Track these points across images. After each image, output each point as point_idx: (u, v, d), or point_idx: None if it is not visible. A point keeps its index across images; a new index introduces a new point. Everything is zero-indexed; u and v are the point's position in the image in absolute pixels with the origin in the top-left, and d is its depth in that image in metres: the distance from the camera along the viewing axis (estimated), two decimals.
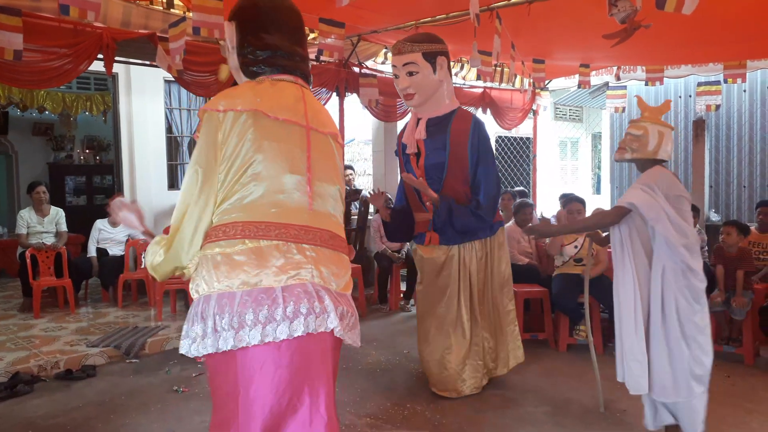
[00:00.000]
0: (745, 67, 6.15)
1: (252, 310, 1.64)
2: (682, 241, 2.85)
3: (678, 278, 2.90)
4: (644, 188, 2.89)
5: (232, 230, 1.70)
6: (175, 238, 1.73)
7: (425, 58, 3.54)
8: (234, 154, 1.72)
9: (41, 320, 5.58)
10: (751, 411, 3.62)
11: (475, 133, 3.64)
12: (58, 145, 10.17)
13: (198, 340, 1.68)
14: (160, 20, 4.52)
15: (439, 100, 3.69)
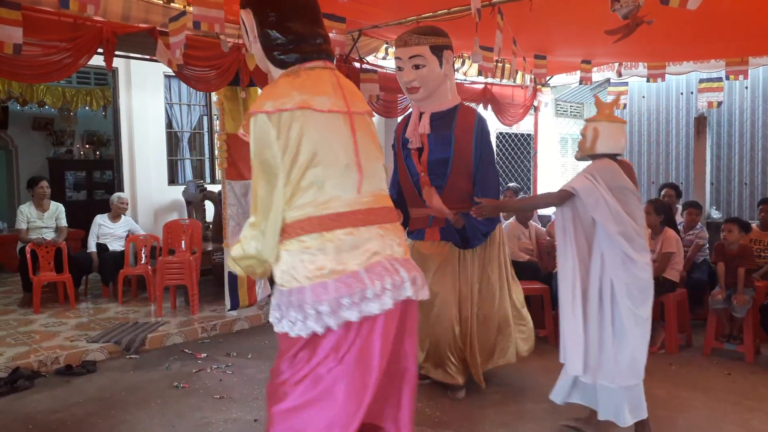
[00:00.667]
0: (747, 63, 6.12)
1: (347, 294, 1.81)
2: (618, 228, 2.90)
3: (617, 266, 2.95)
4: (587, 176, 3.00)
5: (309, 225, 1.84)
6: (262, 237, 1.86)
7: (432, 52, 3.49)
8: (294, 152, 1.81)
9: (41, 315, 5.58)
10: (753, 409, 3.62)
11: (479, 129, 3.63)
12: (58, 140, 10.14)
13: (299, 323, 1.83)
14: (160, 14, 4.49)
15: (443, 94, 3.66)
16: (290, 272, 1.85)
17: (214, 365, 4.43)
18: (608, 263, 2.96)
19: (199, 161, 8.43)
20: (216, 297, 6.05)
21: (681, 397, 3.79)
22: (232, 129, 5.31)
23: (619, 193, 2.97)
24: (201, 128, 8.40)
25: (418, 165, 3.71)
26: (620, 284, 2.94)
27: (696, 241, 5.52)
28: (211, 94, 7.41)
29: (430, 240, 3.73)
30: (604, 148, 3.07)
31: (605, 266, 2.97)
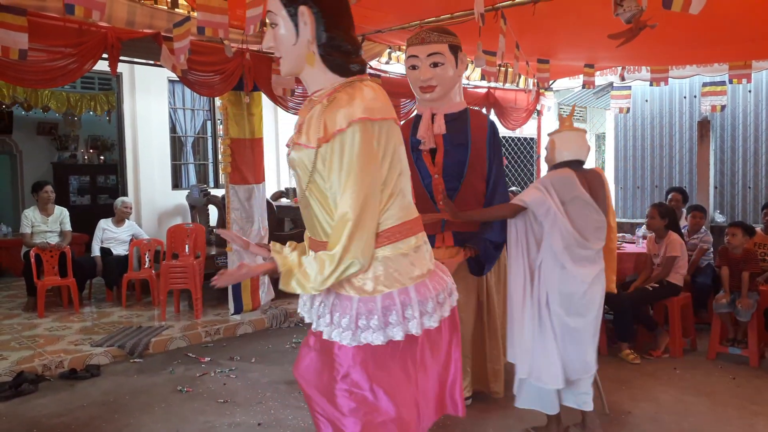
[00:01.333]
0: (750, 67, 6.12)
1: (431, 299, 1.93)
2: (561, 240, 2.98)
3: (553, 275, 3.02)
4: (539, 187, 3.06)
5: (400, 231, 1.92)
6: (364, 245, 1.82)
7: (451, 51, 3.43)
8: (390, 160, 1.88)
9: (45, 320, 5.59)
10: (757, 413, 3.60)
11: (492, 131, 3.61)
12: (62, 145, 10.19)
13: (380, 330, 1.86)
14: (164, 20, 4.52)
15: (455, 96, 3.61)
16: (393, 275, 1.89)
17: (217, 369, 4.43)
18: (545, 271, 3.06)
19: (202, 166, 8.45)
20: (219, 301, 6.06)
21: (686, 402, 3.77)
22: (235, 133, 5.33)
23: (571, 204, 3.01)
24: (204, 133, 8.43)
25: (432, 167, 3.57)
26: (553, 293, 3.03)
27: (700, 245, 5.51)
28: (214, 98, 7.44)
29: (442, 245, 3.59)
30: (562, 157, 3.13)
31: (543, 273, 3.07)
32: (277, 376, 4.28)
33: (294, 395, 3.89)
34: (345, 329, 1.89)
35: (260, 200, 5.53)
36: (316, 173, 1.88)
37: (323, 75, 1.94)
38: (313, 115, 1.90)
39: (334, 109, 1.83)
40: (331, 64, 1.92)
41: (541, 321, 3.06)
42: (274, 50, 1.94)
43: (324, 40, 1.88)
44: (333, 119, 1.81)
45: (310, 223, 2.00)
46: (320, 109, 1.88)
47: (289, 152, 2.01)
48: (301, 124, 1.95)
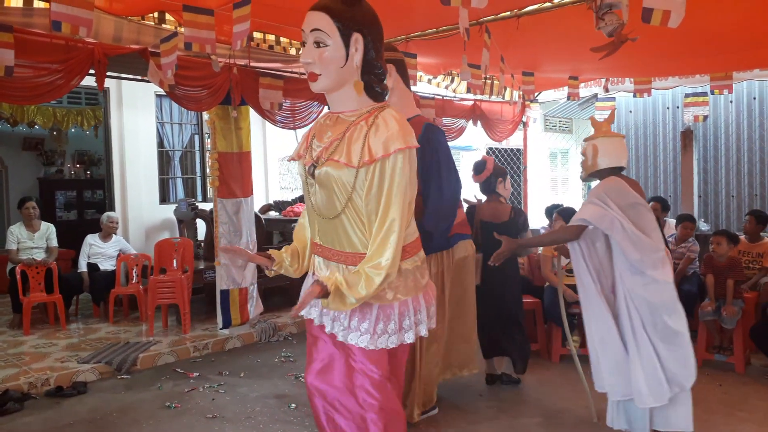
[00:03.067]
0: (731, 78, 6.23)
1: (432, 305, 2.24)
2: (636, 250, 2.92)
3: (637, 286, 2.95)
4: (595, 201, 3.00)
5: (416, 246, 2.21)
6: (398, 260, 2.03)
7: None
8: (413, 183, 2.10)
9: (31, 337, 5.53)
10: (744, 420, 3.64)
11: (425, 139, 3.36)
12: (49, 160, 10.13)
13: (395, 334, 2.09)
14: (151, 35, 4.53)
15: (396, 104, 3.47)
16: (410, 285, 2.13)
17: (206, 384, 4.40)
18: (626, 285, 2.97)
19: (190, 180, 8.43)
20: (208, 316, 6.03)
21: None
22: (223, 147, 5.34)
23: (631, 210, 2.97)
24: (192, 147, 8.42)
25: None
26: (642, 305, 2.95)
27: (687, 254, 5.56)
28: (202, 113, 7.45)
29: None
30: (605, 163, 3.12)
31: (626, 288, 2.98)
32: (266, 390, 4.26)
33: (283, 409, 3.88)
34: (363, 333, 2.08)
35: (248, 214, 5.52)
36: (355, 192, 2.03)
37: (358, 97, 2.10)
38: (354, 136, 2.04)
39: (378, 134, 2.00)
40: (369, 89, 2.10)
41: (636, 337, 2.96)
42: (312, 67, 2.04)
43: (368, 68, 2.06)
44: (378, 144, 1.99)
45: (333, 235, 2.15)
46: (360, 131, 2.04)
47: (314, 166, 2.12)
48: (335, 141, 2.07)
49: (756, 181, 7.18)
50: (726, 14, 4.24)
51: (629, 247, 2.91)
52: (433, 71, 6.50)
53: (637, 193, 3.06)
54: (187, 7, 3.86)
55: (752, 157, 7.20)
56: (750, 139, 7.21)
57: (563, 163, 13.63)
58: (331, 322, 2.15)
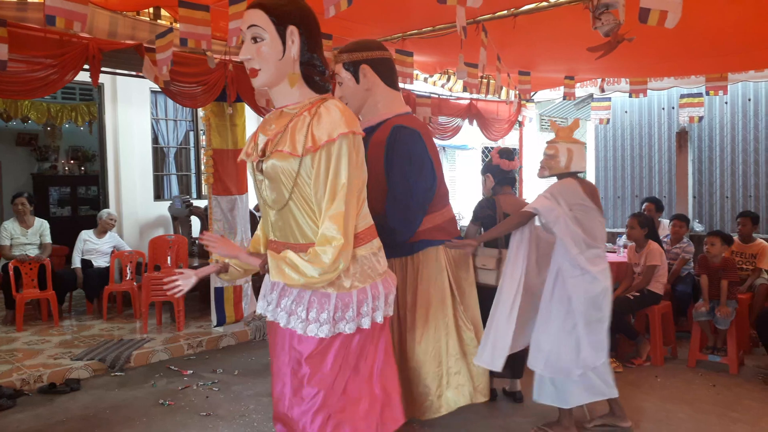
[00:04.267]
0: (726, 79, 6.24)
1: (390, 293, 2.25)
2: (575, 246, 3.22)
3: (576, 279, 3.23)
4: (548, 196, 3.29)
5: (370, 233, 2.22)
6: (349, 247, 2.03)
7: (345, 68, 3.34)
8: (362, 169, 2.12)
9: (24, 333, 5.50)
10: (737, 420, 3.65)
11: (391, 142, 3.24)
12: (43, 156, 10.08)
13: (352, 321, 2.11)
14: (146, 31, 4.51)
15: (370, 110, 3.40)
16: (367, 272, 2.15)
17: (200, 382, 4.39)
18: (565, 278, 3.27)
19: (185, 176, 8.41)
20: (202, 313, 6.01)
21: (667, 409, 3.81)
22: (218, 144, 5.32)
23: (578, 209, 3.26)
24: (187, 143, 8.39)
25: None
26: (579, 296, 3.22)
27: (682, 255, 5.58)
28: (197, 109, 7.42)
29: None
30: (573, 168, 3.39)
31: (560, 279, 3.29)
32: (260, 388, 4.25)
33: None
34: (323, 323, 2.08)
35: (243, 211, 5.51)
36: (300, 178, 2.05)
37: (299, 90, 2.13)
38: (297, 127, 2.06)
39: (321, 122, 2.02)
40: (309, 80, 2.13)
41: (567, 321, 3.26)
42: (252, 63, 2.08)
43: (306, 59, 2.09)
44: (321, 131, 2.00)
45: (287, 228, 2.15)
46: (303, 121, 2.06)
47: (261, 161, 2.14)
48: (279, 133, 2.10)
49: (750, 183, 7.20)
50: (722, 16, 4.25)
51: (570, 242, 3.20)
52: (430, 70, 6.49)
53: (590, 196, 3.31)
54: (183, 2, 3.84)
55: (747, 158, 7.23)
56: (745, 141, 7.24)
57: None
58: (287, 316, 2.14)
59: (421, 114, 6.77)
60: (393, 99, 3.45)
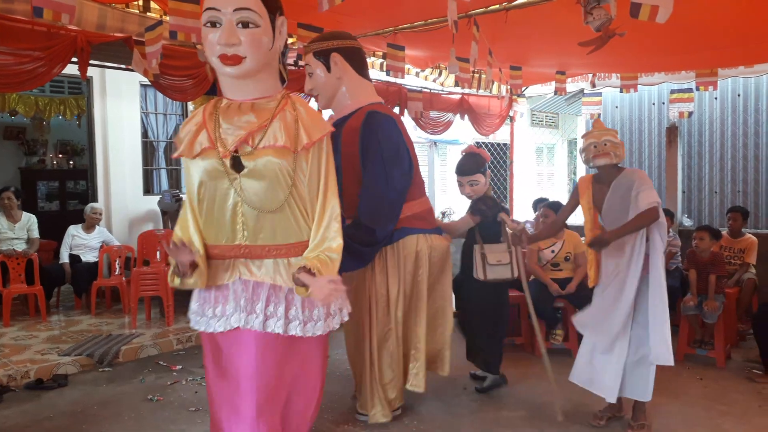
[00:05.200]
0: (716, 75, 6.27)
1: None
2: (662, 242, 3.29)
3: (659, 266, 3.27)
4: (651, 186, 3.26)
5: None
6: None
7: (316, 57, 3.30)
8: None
9: (11, 328, 5.45)
10: (724, 413, 3.68)
11: (365, 130, 3.25)
12: (30, 150, 9.97)
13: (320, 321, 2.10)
14: (136, 23, 4.47)
15: (342, 100, 3.39)
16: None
17: (189, 377, 4.37)
18: (659, 265, 3.29)
19: (174, 171, 8.35)
20: None
21: (655, 402, 3.82)
22: None
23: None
24: None
25: None
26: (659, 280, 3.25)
27: (669, 248, 5.61)
28: (187, 103, 7.37)
29: None
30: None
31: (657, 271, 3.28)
32: None
33: None
34: (317, 320, 2.05)
35: None
36: (297, 177, 1.99)
37: (274, 83, 2.08)
38: (286, 121, 1.98)
39: (308, 118, 1.99)
40: (281, 75, 2.11)
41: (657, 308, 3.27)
42: (237, 49, 1.94)
43: (285, 51, 2.10)
44: (312, 127, 1.97)
45: (270, 229, 2.01)
46: (290, 116, 1.99)
47: (238, 157, 1.97)
48: (263, 127, 1.97)
49: (739, 178, 7.25)
50: (713, 11, 4.26)
51: (658, 234, 3.24)
52: (421, 64, 6.48)
53: None
54: None
55: (735, 153, 7.27)
56: (734, 136, 7.28)
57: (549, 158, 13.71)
58: (264, 320, 2.01)
59: (413, 108, 6.76)
60: (364, 88, 3.46)
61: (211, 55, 1.95)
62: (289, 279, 2.02)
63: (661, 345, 3.20)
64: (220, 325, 2.07)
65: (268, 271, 2.03)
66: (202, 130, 2.03)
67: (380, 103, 3.49)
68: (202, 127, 2.03)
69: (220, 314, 2.07)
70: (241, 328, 2.04)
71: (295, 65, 5.54)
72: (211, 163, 1.99)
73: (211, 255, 2.09)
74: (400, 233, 3.36)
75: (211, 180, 2.01)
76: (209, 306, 2.11)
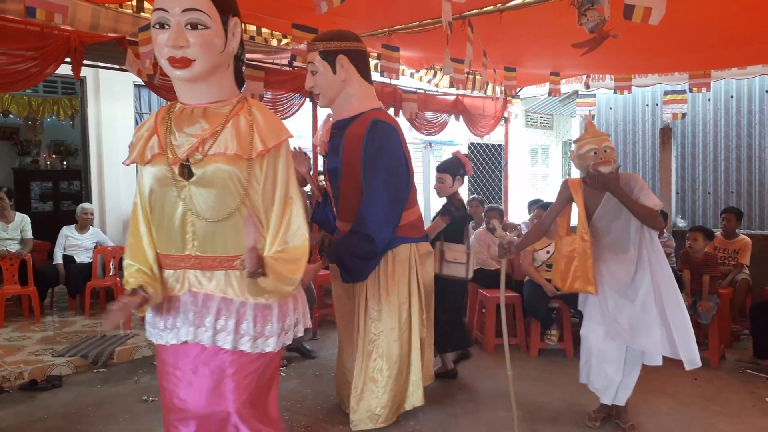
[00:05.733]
0: (709, 76, 6.31)
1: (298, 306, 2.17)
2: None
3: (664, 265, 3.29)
4: (653, 193, 3.26)
5: None
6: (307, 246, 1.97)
7: (323, 57, 3.28)
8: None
9: (5, 330, 5.42)
10: (718, 413, 3.70)
11: (369, 137, 3.24)
12: (24, 150, 9.92)
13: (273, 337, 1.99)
14: (129, 24, 4.46)
15: (345, 101, 3.38)
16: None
17: None
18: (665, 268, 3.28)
19: None
20: None
21: (649, 402, 3.85)
22: None
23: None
24: None
25: (326, 171, 3.59)
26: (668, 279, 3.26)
27: (663, 249, 5.63)
28: None
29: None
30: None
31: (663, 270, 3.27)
32: None
33: None
34: (269, 336, 1.96)
35: None
36: (250, 185, 1.90)
37: (229, 87, 1.99)
38: (239, 127, 1.90)
39: (263, 124, 1.91)
40: (238, 77, 2.03)
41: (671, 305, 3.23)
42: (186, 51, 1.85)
43: (238, 53, 1.99)
44: (267, 134, 1.90)
45: (218, 240, 1.92)
46: (243, 122, 1.91)
47: (187, 165, 1.89)
48: (215, 133, 1.89)
49: (732, 179, 7.29)
50: (705, 13, 4.28)
51: (655, 237, 3.29)
52: (416, 65, 6.48)
53: None
54: None
55: (729, 154, 7.30)
56: (727, 137, 7.31)
57: (543, 159, 13.73)
58: (214, 335, 1.92)
59: (408, 110, 6.76)
60: (367, 92, 3.45)
61: (160, 58, 1.86)
62: (241, 292, 1.93)
63: (690, 351, 3.16)
64: (172, 337, 1.98)
65: (219, 284, 1.93)
66: (153, 135, 1.96)
67: (381, 109, 3.48)
68: (153, 133, 1.96)
69: (171, 326, 1.99)
70: (189, 342, 1.95)
71: (289, 66, 5.54)
72: (160, 170, 1.92)
73: (162, 264, 2.00)
74: (393, 242, 3.37)
75: (160, 187, 1.93)
76: (160, 318, 2.02)
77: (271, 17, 4.85)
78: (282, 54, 5.50)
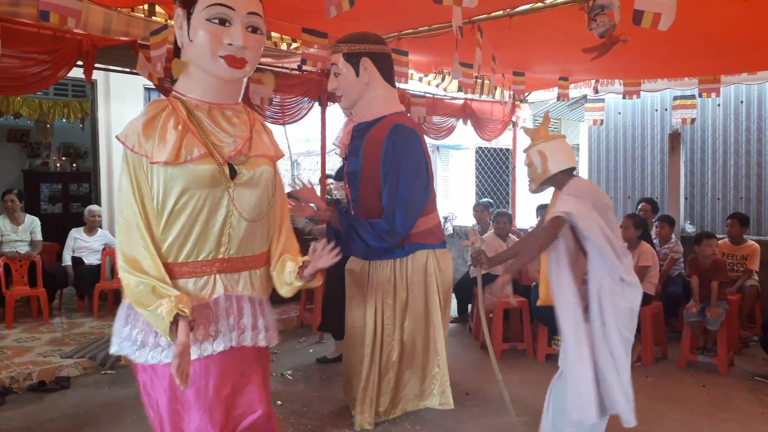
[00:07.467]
0: (719, 81, 6.28)
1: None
2: (613, 252, 2.69)
3: (615, 292, 2.73)
4: (578, 196, 2.72)
5: None
6: None
7: (346, 59, 3.28)
8: None
9: (14, 331, 5.46)
10: (727, 420, 3.67)
11: (390, 141, 3.23)
12: (34, 152, 9.98)
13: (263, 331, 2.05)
14: (141, 28, 4.49)
15: (367, 104, 3.37)
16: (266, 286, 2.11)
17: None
18: (605, 290, 2.72)
19: None
20: None
21: (657, 409, 3.83)
22: None
23: (603, 211, 2.75)
24: None
25: (345, 176, 3.61)
26: (614, 310, 2.71)
27: (671, 255, 5.61)
28: None
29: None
30: (557, 167, 2.85)
31: (603, 294, 2.73)
32: None
33: None
34: (272, 329, 2.03)
35: None
36: (276, 186, 2.02)
37: (240, 92, 2.03)
38: (259, 133, 2.00)
39: (268, 131, 2.06)
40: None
41: (615, 352, 2.75)
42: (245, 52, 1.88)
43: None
44: (275, 139, 2.07)
45: (250, 240, 1.92)
46: (258, 128, 2.01)
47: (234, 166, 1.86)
48: (249, 137, 1.93)
49: (741, 184, 7.25)
50: (715, 18, 4.27)
51: (610, 251, 2.65)
52: (425, 69, 6.49)
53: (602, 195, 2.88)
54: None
55: (738, 160, 7.27)
56: (737, 143, 7.28)
57: None
58: (240, 334, 1.90)
59: (416, 113, 6.77)
60: (390, 96, 3.44)
61: (212, 52, 1.79)
62: (260, 290, 1.98)
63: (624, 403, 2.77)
64: (219, 345, 1.86)
65: (246, 284, 1.94)
66: (186, 134, 1.82)
67: (403, 113, 3.49)
68: (185, 131, 1.82)
69: (214, 334, 1.86)
70: (234, 347, 1.90)
71: (299, 69, 5.57)
72: (206, 170, 1.80)
73: (176, 274, 1.84)
74: (411, 248, 3.38)
75: (201, 189, 1.80)
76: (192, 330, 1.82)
77: (281, 21, 4.88)
78: (291, 58, 5.53)
